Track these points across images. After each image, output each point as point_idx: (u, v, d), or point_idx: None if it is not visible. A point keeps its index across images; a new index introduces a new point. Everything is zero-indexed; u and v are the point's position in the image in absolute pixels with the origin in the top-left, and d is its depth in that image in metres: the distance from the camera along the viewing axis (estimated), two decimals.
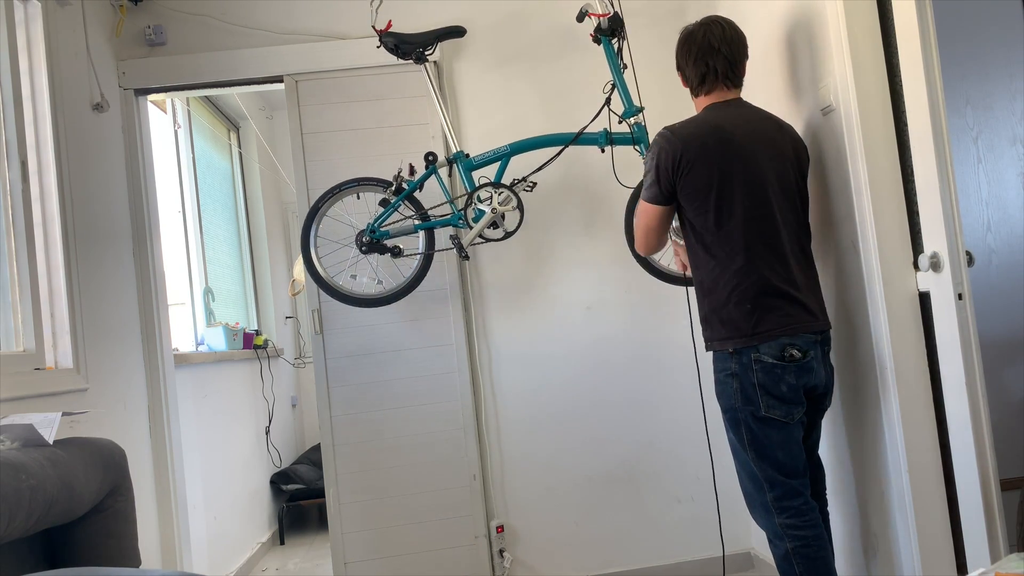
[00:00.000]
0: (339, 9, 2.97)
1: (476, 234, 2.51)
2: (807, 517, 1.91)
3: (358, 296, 2.66)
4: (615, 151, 2.63)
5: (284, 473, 4.26)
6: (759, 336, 1.88)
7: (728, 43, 1.99)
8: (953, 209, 1.77)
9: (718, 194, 1.92)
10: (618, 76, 2.46)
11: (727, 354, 1.94)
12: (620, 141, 2.48)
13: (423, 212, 2.59)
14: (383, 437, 2.87)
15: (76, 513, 1.60)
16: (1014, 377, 2.29)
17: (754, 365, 1.89)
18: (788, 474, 1.92)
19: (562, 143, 2.52)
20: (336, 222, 2.78)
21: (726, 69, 2.00)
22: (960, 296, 1.75)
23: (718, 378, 1.99)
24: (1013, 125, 2.29)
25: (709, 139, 1.93)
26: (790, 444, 1.92)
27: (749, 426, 1.92)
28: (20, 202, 2.19)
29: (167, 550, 2.76)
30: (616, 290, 2.98)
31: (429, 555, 2.85)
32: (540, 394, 2.95)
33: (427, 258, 2.64)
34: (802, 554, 1.89)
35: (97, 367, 2.42)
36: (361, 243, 2.55)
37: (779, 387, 1.88)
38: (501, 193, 2.49)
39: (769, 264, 1.91)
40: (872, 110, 1.98)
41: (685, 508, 2.97)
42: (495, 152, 2.57)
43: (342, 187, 2.63)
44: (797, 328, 1.89)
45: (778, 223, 1.93)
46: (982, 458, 1.75)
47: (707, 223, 1.95)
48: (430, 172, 2.57)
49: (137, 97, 2.91)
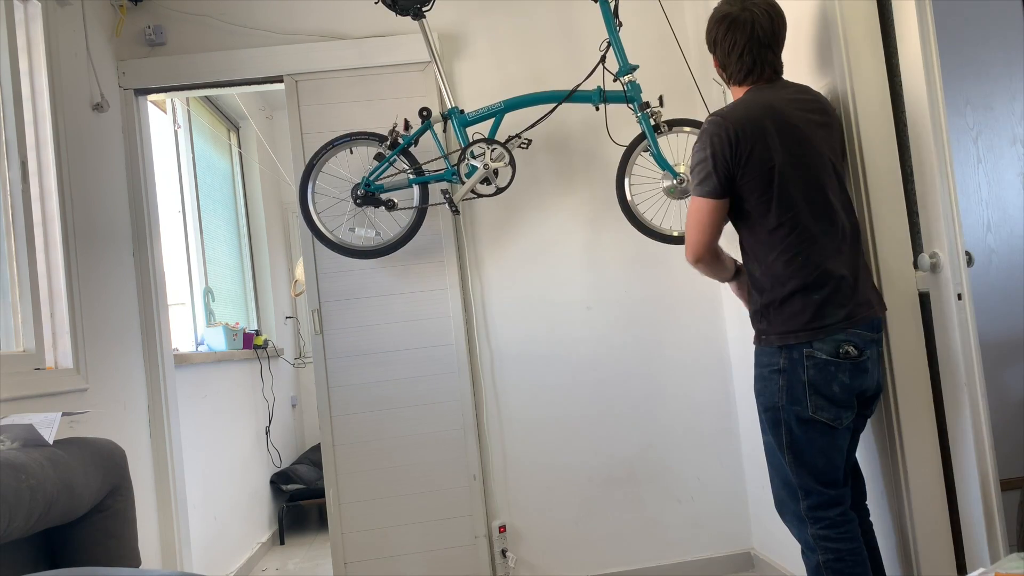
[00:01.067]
0: (339, 9, 2.97)
1: (468, 189, 2.53)
2: (843, 529, 1.78)
3: (355, 248, 2.69)
4: (608, 109, 2.65)
5: (284, 473, 4.26)
6: (822, 330, 1.75)
7: (776, 35, 1.84)
8: (953, 209, 1.77)
9: (781, 179, 1.77)
10: (613, 34, 2.47)
11: (774, 349, 1.79)
12: (614, 99, 2.50)
13: (417, 167, 2.62)
14: (383, 437, 2.87)
15: (76, 513, 1.60)
16: (1014, 377, 2.29)
17: (805, 361, 1.75)
18: (827, 483, 1.79)
19: (556, 100, 2.55)
20: (334, 178, 2.79)
21: (774, 63, 1.87)
22: (960, 296, 1.75)
23: (760, 374, 1.84)
24: (1013, 125, 2.29)
25: (766, 120, 1.78)
26: (832, 451, 1.78)
27: (791, 428, 1.78)
28: (20, 202, 2.19)
29: (167, 550, 2.76)
30: (616, 290, 2.98)
31: (429, 555, 2.85)
32: (541, 394, 2.95)
33: (421, 212, 2.68)
34: (834, 568, 1.76)
35: (97, 367, 2.42)
36: (356, 195, 2.60)
37: (831, 387, 1.75)
38: (494, 149, 2.52)
39: (829, 253, 1.77)
40: (872, 110, 1.97)
41: (685, 508, 2.97)
42: (489, 108, 2.59)
43: (335, 143, 2.65)
44: (857, 319, 1.76)
45: (835, 207, 1.80)
46: (982, 458, 1.75)
47: (769, 211, 1.79)
48: (425, 127, 2.59)
49: (137, 97, 2.91)
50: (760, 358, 1.86)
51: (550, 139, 2.98)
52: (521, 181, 2.97)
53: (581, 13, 3.00)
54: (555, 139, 2.99)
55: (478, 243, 2.96)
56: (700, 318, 3.01)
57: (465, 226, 2.96)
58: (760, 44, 1.83)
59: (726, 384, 3.01)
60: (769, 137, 1.77)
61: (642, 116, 2.47)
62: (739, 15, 1.83)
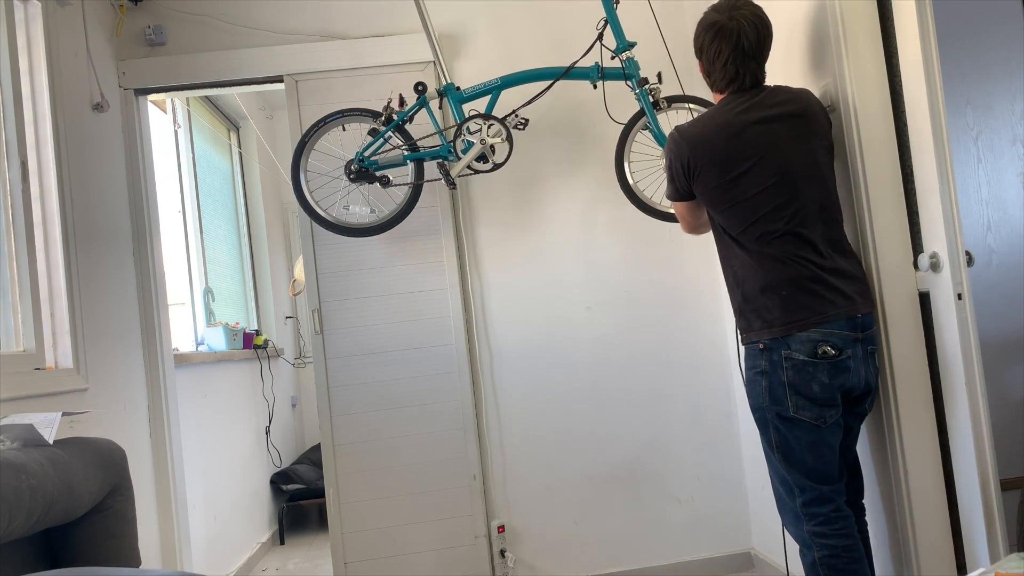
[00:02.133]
0: (339, 9, 2.97)
1: (464, 165, 2.51)
2: (837, 525, 1.80)
3: (350, 226, 2.66)
4: (607, 89, 2.65)
5: (284, 473, 4.26)
6: (794, 325, 1.79)
7: (761, 46, 1.88)
8: (953, 209, 1.77)
9: (735, 191, 1.86)
10: (610, 11, 2.46)
11: (757, 351, 1.86)
12: (612, 76, 2.49)
13: (412, 143, 2.60)
14: (383, 437, 2.87)
15: (76, 513, 1.60)
16: (1014, 377, 2.29)
17: (784, 363, 1.80)
18: (818, 480, 1.82)
19: (553, 77, 2.54)
20: (328, 156, 2.78)
21: (756, 73, 1.91)
22: (960, 296, 1.75)
23: (747, 376, 1.91)
24: (1013, 125, 2.29)
25: (718, 139, 1.87)
26: (821, 448, 1.81)
27: (776, 427, 1.84)
28: (20, 202, 2.19)
29: (167, 550, 2.76)
30: (616, 290, 2.99)
31: (429, 555, 2.85)
32: (540, 393, 2.95)
33: (416, 188, 2.65)
34: (830, 564, 1.78)
35: (97, 367, 2.42)
36: (349, 171, 2.56)
37: (810, 387, 1.78)
38: (491, 125, 2.49)
39: (798, 250, 1.82)
40: (872, 110, 1.97)
41: (685, 508, 2.97)
42: (486, 85, 2.57)
43: (327, 119, 2.62)
44: (832, 315, 1.79)
45: (806, 208, 1.84)
46: (982, 458, 1.75)
47: (731, 219, 1.89)
48: (420, 103, 2.57)
49: (137, 97, 2.91)
50: (746, 361, 1.93)
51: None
52: (522, 175, 2.97)
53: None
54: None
55: (478, 243, 2.96)
56: (700, 318, 3.01)
57: (465, 226, 2.96)
58: (744, 54, 1.87)
59: (726, 384, 3.01)
60: (718, 157, 1.87)
61: (641, 92, 2.46)
62: (726, 24, 1.87)
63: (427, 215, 2.92)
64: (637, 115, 2.55)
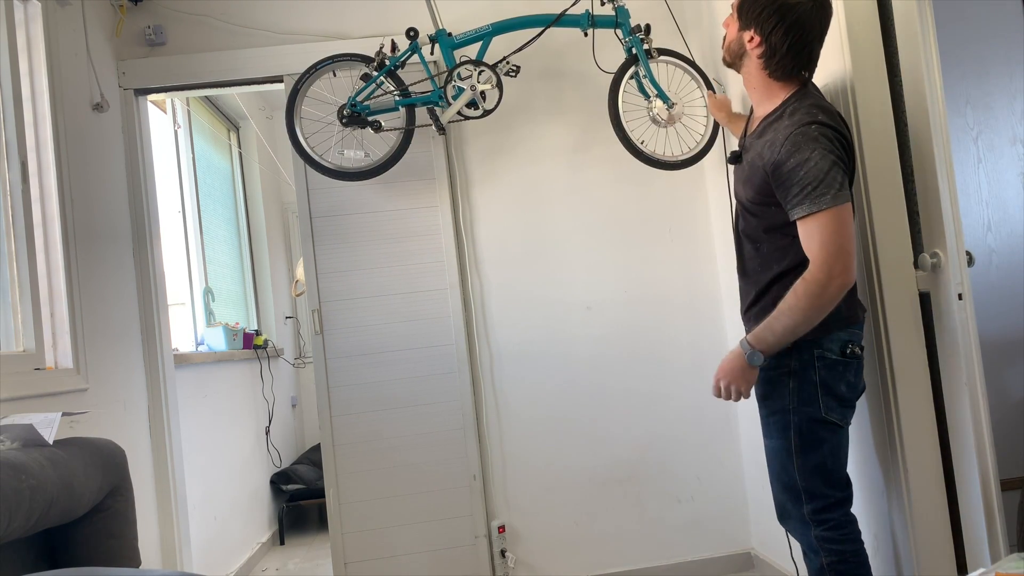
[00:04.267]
0: (339, 9, 2.97)
1: (455, 111, 2.52)
2: (846, 530, 1.78)
3: (345, 170, 2.66)
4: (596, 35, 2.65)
5: (284, 473, 4.26)
6: (832, 324, 1.71)
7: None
8: (953, 209, 1.77)
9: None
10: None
11: (785, 350, 1.74)
12: (603, 23, 2.51)
13: (404, 88, 2.61)
14: (383, 437, 2.87)
15: (76, 513, 1.60)
16: (1014, 377, 2.29)
17: (816, 362, 1.74)
18: (832, 484, 1.79)
19: (544, 24, 2.55)
20: (321, 103, 2.75)
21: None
22: (960, 296, 1.75)
23: (768, 376, 1.80)
24: (1013, 125, 2.30)
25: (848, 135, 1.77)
26: (839, 451, 1.80)
27: (801, 430, 1.77)
28: (20, 202, 2.19)
29: (167, 550, 2.76)
30: (616, 290, 2.98)
31: (429, 555, 2.85)
32: (540, 394, 2.95)
33: (407, 133, 2.66)
34: (838, 570, 1.76)
35: (97, 367, 2.42)
36: (342, 115, 2.57)
37: (839, 387, 1.76)
38: (482, 71, 2.50)
39: None
40: (872, 110, 1.97)
41: (685, 508, 2.97)
42: (477, 31, 2.58)
43: (318, 66, 2.61)
44: (861, 317, 1.80)
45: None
46: (982, 458, 1.75)
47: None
48: (412, 49, 2.57)
49: (137, 97, 2.91)
50: (769, 360, 1.78)
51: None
52: (522, 175, 2.97)
53: None
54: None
55: (478, 243, 2.96)
56: (701, 318, 3.01)
57: (465, 226, 2.96)
58: (821, 39, 1.75)
59: None
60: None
61: (633, 39, 2.48)
62: (806, 3, 1.69)
63: (427, 215, 2.92)
64: (626, 64, 2.55)
